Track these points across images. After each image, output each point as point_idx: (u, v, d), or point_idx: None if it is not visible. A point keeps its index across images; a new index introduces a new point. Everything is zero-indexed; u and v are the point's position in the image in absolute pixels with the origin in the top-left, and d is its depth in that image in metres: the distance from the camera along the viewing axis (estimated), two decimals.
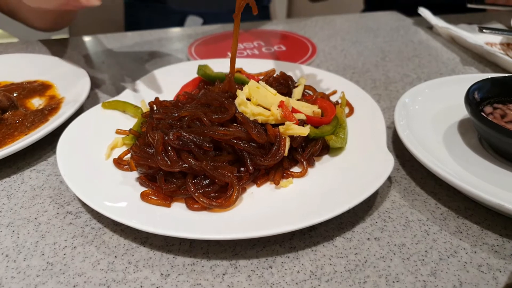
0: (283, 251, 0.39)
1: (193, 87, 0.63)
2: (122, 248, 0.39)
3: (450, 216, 0.43)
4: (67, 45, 0.94)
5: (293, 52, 0.87)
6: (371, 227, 0.42)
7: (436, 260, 0.38)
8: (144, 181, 0.43)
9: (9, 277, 0.36)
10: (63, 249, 0.39)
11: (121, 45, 0.93)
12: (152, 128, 0.46)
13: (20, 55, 0.81)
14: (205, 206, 0.40)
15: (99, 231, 0.41)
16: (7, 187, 0.48)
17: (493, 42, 0.85)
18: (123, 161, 0.47)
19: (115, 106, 0.58)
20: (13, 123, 0.57)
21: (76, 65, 0.70)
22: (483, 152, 0.49)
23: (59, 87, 0.68)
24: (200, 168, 0.41)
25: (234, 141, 0.44)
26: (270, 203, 0.42)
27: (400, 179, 0.49)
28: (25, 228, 0.42)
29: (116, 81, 0.75)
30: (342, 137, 0.50)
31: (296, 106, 0.51)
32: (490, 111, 0.51)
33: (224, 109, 0.47)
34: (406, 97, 0.57)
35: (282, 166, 0.46)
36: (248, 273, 0.37)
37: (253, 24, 1.07)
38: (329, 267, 0.37)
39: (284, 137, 0.46)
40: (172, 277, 0.36)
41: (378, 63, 0.82)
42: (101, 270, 0.37)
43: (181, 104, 0.53)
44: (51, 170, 0.51)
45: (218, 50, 0.88)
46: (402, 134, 0.48)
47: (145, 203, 0.41)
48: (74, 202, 0.45)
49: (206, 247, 0.39)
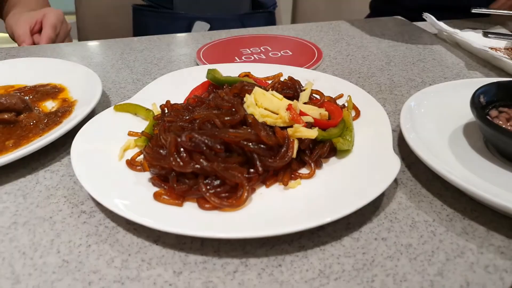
0: (292, 250, 0.40)
1: (202, 90, 0.64)
2: (136, 247, 0.40)
3: (456, 217, 0.44)
4: (77, 49, 0.96)
5: (299, 57, 0.88)
6: (378, 228, 0.42)
7: (443, 260, 0.38)
8: (156, 181, 0.45)
9: (27, 274, 0.38)
10: (78, 247, 0.40)
11: (130, 49, 0.95)
12: (164, 130, 0.47)
13: (32, 59, 0.82)
14: (216, 206, 0.41)
15: (112, 230, 0.42)
16: (23, 187, 0.49)
17: (497, 47, 0.86)
18: (136, 162, 0.48)
19: (127, 109, 0.59)
20: (27, 125, 0.58)
21: (87, 69, 0.72)
22: (489, 155, 0.49)
23: (71, 90, 0.69)
24: (211, 169, 0.42)
25: (244, 143, 0.45)
26: (279, 204, 0.43)
27: (406, 181, 0.49)
28: (41, 226, 0.43)
29: (126, 84, 0.77)
30: (349, 140, 0.51)
31: (304, 109, 0.52)
32: (496, 114, 0.51)
33: (234, 111, 0.48)
34: (411, 101, 0.58)
35: (291, 168, 0.47)
36: (258, 271, 0.37)
37: (259, 29, 1.08)
38: (337, 266, 0.38)
39: (292, 139, 0.47)
40: (185, 275, 0.37)
41: (383, 67, 0.83)
42: (115, 267, 0.38)
43: (191, 107, 0.54)
44: (64, 171, 0.52)
45: (226, 55, 0.90)
46: (408, 137, 0.49)
47: (158, 202, 0.42)
48: (88, 202, 0.46)
49: (217, 245, 0.40)
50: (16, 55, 0.92)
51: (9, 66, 0.78)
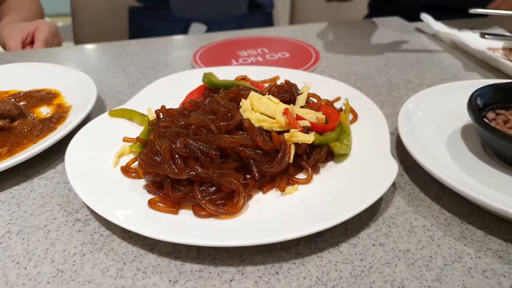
0: (289, 257, 0.39)
1: (198, 94, 0.64)
2: (131, 255, 0.40)
3: (454, 221, 0.43)
4: (72, 54, 0.95)
5: (296, 59, 0.88)
6: (376, 233, 0.42)
7: (440, 265, 0.38)
8: (151, 188, 0.44)
9: (20, 284, 0.37)
10: (73, 256, 0.40)
11: (126, 53, 0.94)
12: (159, 136, 0.47)
13: (27, 64, 0.82)
14: (212, 213, 0.41)
15: (107, 238, 0.42)
16: (17, 195, 0.49)
17: (495, 48, 0.85)
18: (131, 169, 0.48)
19: (122, 114, 0.59)
20: (22, 132, 0.58)
21: (82, 73, 0.72)
22: (487, 158, 0.49)
23: (66, 96, 0.69)
24: (206, 175, 0.42)
25: (240, 148, 0.44)
26: (276, 210, 0.43)
27: (404, 185, 0.49)
28: (35, 235, 0.43)
29: (122, 89, 0.77)
30: (347, 144, 0.50)
31: (300, 113, 0.52)
32: (493, 117, 0.51)
33: (230, 116, 0.47)
34: (409, 103, 0.57)
35: (288, 173, 0.47)
36: (255, 279, 0.37)
37: (256, 31, 1.08)
38: (335, 273, 0.38)
39: (289, 144, 0.46)
40: (180, 284, 0.37)
41: (381, 69, 0.83)
42: (110, 276, 0.38)
43: (187, 112, 0.54)
44: (59, 178, 0.52)
45: (222, 57, 0.89)
46: (405, 141, 0.49)
47: (153, 210, 0.42)
48: (83, 210, 0.46)
49: (213, 253, 0.40)
50: (11, 60, 0.91)
51: (4, 72, 0.77)
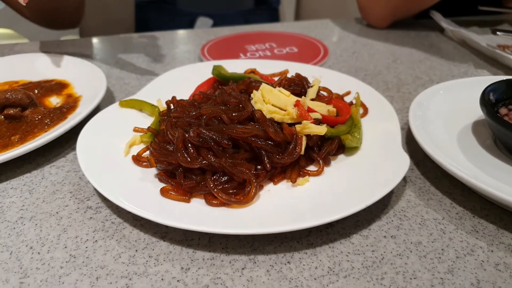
0: (300, 247, 0.39)
1: (208, 87, 0.64)
2: (143, 243, 0.40)
3: (465, 215, 0.43)
4: (79, 46, 0.96)
5: (305, 54, 0.87)
6: (387, 225, 0.42)
7: (453, 258, 0.38)
8: (163, 177, 0.44)
9: (34, 268, 0.37)
10: (85, 242, 0.40)
11: (133, 46, 0.94)
12: (171, 125, 0.47)
13: (36, 54, 0.82)
14: (224, 202, 0.41)
15: (119, 226, 0.42)
16: (29, 182, 0.49)
17: (505, 45, 0.85)
18: (142, 158, 0.48)
19: (132, 105, 0.59)
20: (33, 121, 0.58)
21: (92, 64, 0.72)
22: (498, 152, 0.49)
23: (75, 86, 0.69)
24: (219, 165, 0.42)
25: (252, 139, 0.44)
26: (287, 200, 0.43)
27: (415, 179, 0.49)
28: (47, 221, 0.43)
29: (131, 80, 0.77)
30: (358, 137, 0.50)
31: (311, 105, 0.52)
32: (505, 112, 0.51)
33: (241, 107, 0.47)
34: (420, 98, 0.57)
35: (299, 165, 0.47)
36: (267, 268, 0.37)
37: (263, 26, 1.08)
38: (346, 263, 0.38)
39: (300, 136, 0.46)
40: (192, 271, 0.37)
41: (390, 65, 0.82)
42: (122, 263, 0.38)
43: (197, 104, 0.54)
44: (70, 166, 0.52)
45: (230, 51, 0.89)
46: (417, 135, 0.49)
47: (165, 198, 0.42)
48: (94, 198, 0.46)
49: (225, 242, 0.40)
50: (20, 51, 0.91)
51: (14, 62, 0.77)
